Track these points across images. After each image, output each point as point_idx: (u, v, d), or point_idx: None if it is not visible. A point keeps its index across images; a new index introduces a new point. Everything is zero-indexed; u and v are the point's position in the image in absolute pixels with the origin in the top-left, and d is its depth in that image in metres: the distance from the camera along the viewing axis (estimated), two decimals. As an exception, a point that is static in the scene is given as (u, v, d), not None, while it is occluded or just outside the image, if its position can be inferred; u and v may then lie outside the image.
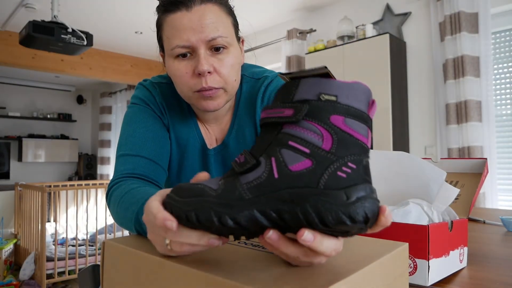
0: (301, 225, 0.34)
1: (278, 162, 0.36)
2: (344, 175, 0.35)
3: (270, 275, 0.36)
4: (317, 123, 0.36)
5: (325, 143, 0.36)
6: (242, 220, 0.35)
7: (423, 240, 0.58)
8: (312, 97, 0.37)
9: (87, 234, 3.59)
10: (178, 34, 0.69)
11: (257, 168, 0.37)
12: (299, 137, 0.36)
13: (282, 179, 0.36)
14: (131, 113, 0.82)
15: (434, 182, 0.74)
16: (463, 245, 0.71)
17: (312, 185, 0.35)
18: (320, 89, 0.37)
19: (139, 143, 0.77)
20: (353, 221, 0.33)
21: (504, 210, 1.43)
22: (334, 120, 0.36)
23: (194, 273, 0.37)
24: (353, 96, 0.37)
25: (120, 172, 0.74)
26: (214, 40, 0.69)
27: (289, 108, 0.37)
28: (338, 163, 0.35)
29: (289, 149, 0.36)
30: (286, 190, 0.35)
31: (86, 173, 6.79)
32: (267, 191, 0.36)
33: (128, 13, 3.77)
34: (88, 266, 0.81)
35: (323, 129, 0.36)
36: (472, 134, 2.47)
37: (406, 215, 0.64)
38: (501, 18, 2.63)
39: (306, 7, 3.64)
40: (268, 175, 0.36)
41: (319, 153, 0.35)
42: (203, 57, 0.69)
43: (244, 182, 0.37)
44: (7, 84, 6.21)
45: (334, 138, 0.36)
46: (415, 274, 0.59)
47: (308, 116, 0.37)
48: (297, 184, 0.35)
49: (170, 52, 0.71)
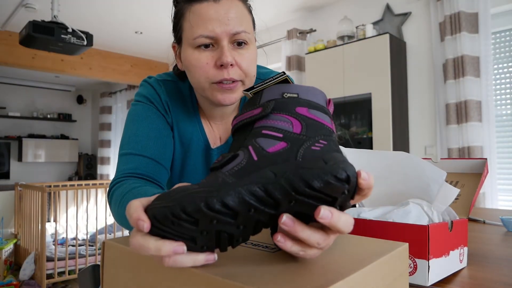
0: (289, 198, 0.34)
1: (255, 148, 0.39)
2: (318, 148, 0.37)
3: (270, 275, 0.36)
4: (284, 114, 0.41)
5: (295, 128, 0.39)
6: (230, 201, 0.34)
7: (423, 240, 0.58)
8: (276, 97, 0.42)
9: (87, 234, 3.59)
10: (203, 24, 0.69)
11: (236, 158, 0.38)
12: (270, 126, 0.40)
13: (261, 159, 0.37)
14: (134, 111, 0.82)
15: (434, 182, 0.74)
16: (463, 245, 0.71)
17: (291, 160, 0.36)
18: (283, 90, 0.43)
19: (142, 142, 0.77)
20: (337, 179, 0.33)
21: (504, 210, 1.43)
22: (299, 110, 0.41)
23: (194, 273, 0.37)
24: (312, 95, 0.43)
25: (122, 171, 0.74)
26: (238, 34, 0.70)
27: (257, 108, 0.42)
28: (310, 141, 0.38)
29: (264, 136, 0.39)
30: (267, 168, 0.36)
31: (86, 173, 6.80)
32: (250, 172, 0.36)
33: (128, 13, 3.77)
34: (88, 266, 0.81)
35: (291, 118, 0.40)
36: (472, 134, 2.47)
37: (406, 215, 0.64)
38: (501, 18, 2.63)
39: (306, 7, 3.64)
40: (248, 159, 0.37)
41: (291, 136, 0.39)
42: (226, 49, 0.69)
43: (225, 171, 0.37)
44: (7, 84, 6.22)
45: (303, 123, 0.40)
46: (415, 274, 0.59)
47: (276, 110, 0.41)
48: (277, 161, 0.37)
49: (192, 41, 0.70)
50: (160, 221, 0.34)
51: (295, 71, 3.62)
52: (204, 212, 0.33)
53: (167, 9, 3.92)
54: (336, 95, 3.05)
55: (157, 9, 3.68)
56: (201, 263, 0.37)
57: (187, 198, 0.34)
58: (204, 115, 0.87)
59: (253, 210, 0.35)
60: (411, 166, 0.78)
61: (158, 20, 3.94)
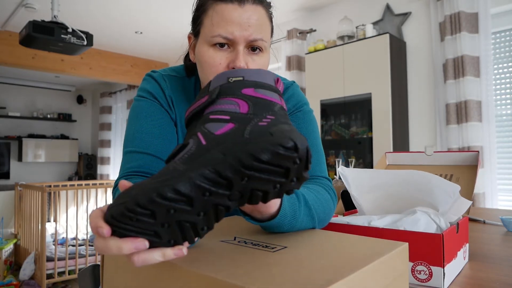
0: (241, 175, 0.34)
1: (203, 133, 0.39)
2: (265, 123, 0.37)
3: (270, 275, 0.36)
4: (230, 97, 0.41)
5: (242, 109, 0.40)
6: (182, 188, 0.33)
7: (437, 248, 0.58)
8: (222, 82, 0.43)
9: (87, 234, 3.59)
10: (224, 25, 0.69)
11: (186, 146, 0.38)
12: (217, 110, 0.41)
13: (210, 142, 0.37)
14: (138, 106, 0.81)
15: (437, 188, 0.75)
16: (465, 242, 0.72)
17: (238, 138, 0.36)
18: (228, 75, 0.44)
19: (146, 139, 0.76)
20: (285, 149, 0.33)
21: (504, 210, 1.43)
22: (245, 91, 0.41)
23: (194, 273, 0.37)
24: (257, 75, 0.43)
25: (126, 169, 0.74)
26: (256, 41, 0.71)
27: (204, 96, 0.43)
28: (257, 118, 0.38)
29: (212, 121, 0.40)
30: (216, 149, 0.36)
31: (86, 173, 6.79)
32: (199, 156, 0.36)
33: (128, 13, 3.77)
34: (88, 266, 0.82)
35: (237, 99, 0.41)
36: (472, 134, 2.47)
37: (416, 223, 0.66)
38: (501, 18, 2.63)
39: (306, 7, 3.64)
40: (197, 145, 0.38)
41: (238, 116, 0.39)
42: (241, 54, 0.70)
43: (177, 159, 0.37)
44: (7, 84, 6.22)
45: (249, 103, 0.40)
46: (430, 281, 0.59)
47: (222, 95, 0.42)
48: (224, 142, 0.37)
49: (209, 38, 0.71)
50: (118, 219, 0.34)
51: (295, 71, 3.62)
52: (158, 202, 0.33)
53: (167, 9, 3.92)
54: (336, 95, 3.05)
55: (157, 9, 3.68)
56: (171, 257, 0.37)
57: (140, 191, 0.34)
58: None
59: (208, 194, 0.34)
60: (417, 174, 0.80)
61: (158, 20, 3.94)
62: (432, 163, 1.09)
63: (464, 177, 0.99)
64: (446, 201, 0.73)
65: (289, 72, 3.65)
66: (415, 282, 0.61)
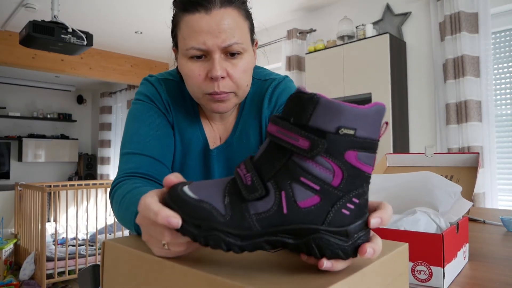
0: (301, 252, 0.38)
1: (288, 197, 0.37)
2: (347, 213, 0.37)
3: (270, 275, 0.36)
4: (331, 159, 0.35)
5: (335, 180, 0.36)
6: (248, 248, 0.37)
7: (438, 248, 0.58)
8: (330, 129, 0.35)
9: (87, 234, 3.59)
10: (194, 36, 0.68)
11: (265, 197, 0.37)
12: (311, 173, 0.36)
13: (290, 214, 0.37)
14: (135, 110, 0.82)
15: (438, 188, 0.75)
16: (465, 242, 0.72)
17: (318, 223, 0.36)
18: (340, 122, 0.34)
19: (143, 141, 0.77)
20: (347, 256, 0.36)
21: (504, 210, 1.43)
22: (348, 156, 0.36)
23: (194, 273, 0.37)
24: (370, 127, 0.36)
25: (124, 171, 0.74)
26: (230, 46, 0.69)
27: (304, 138, 0.35)
28: (344, 199, 0.37)
29: (300, 184, 0.36)
30: (294, 225, 0.37)
31: (86, 173, 6.79)
32: (276, 224, 0.37)
33: (128, 13, 3.77)
34: (88, 266, 0.82)
35: (336, 166, 0.36)
36: (472, 134, 2.47)
37: (416, 223, 0.66)
38: (501, 18, 2.63)
39: (306, 7, 3.64)
40: (278, 209, 0.37)
41: (328, 190, 0.36)
42: (217, 62, 0.69)
43: (253, 213, 0.37)
44: (7, 84, 6.21)
45: (345, 174, 0.36)
46: (430, 281, 0.59)
47: (324, 152, 0.35)
48: (304, 221, 0.36)
49: (185, 52, 0.71)
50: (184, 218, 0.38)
51: (295, 71, 3.62)
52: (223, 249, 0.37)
53: (167, 9, 3.90)
54: (336, 95, 3.05)
55: (157, 9, 3.68)
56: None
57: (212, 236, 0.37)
58: (204, 115, 0.87)
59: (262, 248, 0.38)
60: (418, 174, 0.80)
61: (158, 20, 3.94)
62: (432, 165, 1.09)
63: (464, 178, 0.99)
64: (446, 201, 0.73)
65: (289, 72, 3.65)
66: (415, 282, 0.61)
